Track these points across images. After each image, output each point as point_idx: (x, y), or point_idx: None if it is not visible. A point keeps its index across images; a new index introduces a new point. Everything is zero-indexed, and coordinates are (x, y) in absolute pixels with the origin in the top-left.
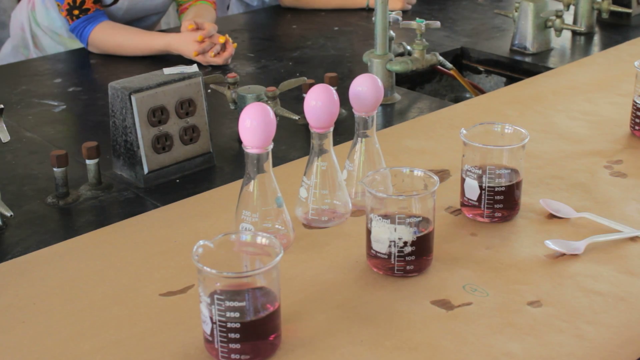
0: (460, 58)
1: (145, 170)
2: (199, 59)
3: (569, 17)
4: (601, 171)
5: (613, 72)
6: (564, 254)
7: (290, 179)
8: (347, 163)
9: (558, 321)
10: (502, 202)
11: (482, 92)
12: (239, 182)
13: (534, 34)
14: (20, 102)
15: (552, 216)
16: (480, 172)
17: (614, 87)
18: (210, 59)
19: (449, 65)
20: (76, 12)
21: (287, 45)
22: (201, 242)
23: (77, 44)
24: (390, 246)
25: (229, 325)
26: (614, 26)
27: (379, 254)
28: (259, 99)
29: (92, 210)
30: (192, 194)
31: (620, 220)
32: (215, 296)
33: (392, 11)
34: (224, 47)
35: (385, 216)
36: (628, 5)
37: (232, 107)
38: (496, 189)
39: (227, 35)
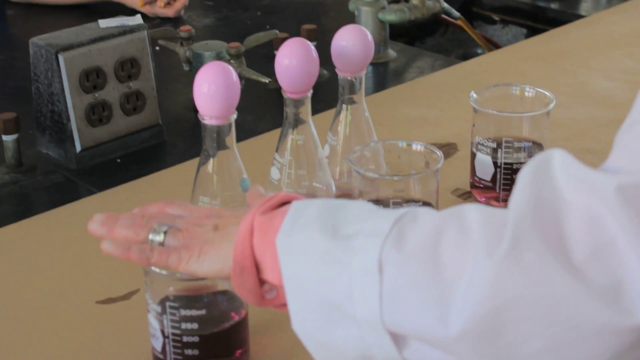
0: (470, 5)
1: (78, 148)
2: (146, 9)
3: None
4: None
5: None
6: None
7: (259, 156)
8: (329, 136)
9: None
10: None
11: (497, 46)
12: (195, 160)
13: None
14: None
15: None
16: (494, 145)
17: None
18: (159, 9)
19: (456, 14)
20: None
21: None
22: None
23: None
24: None
25: (184, 339)
26: None
27: None
28: (219, 57)
29: (12, 198)
30: (138, 176)
31: None
32: (168, 303)
33: None
34: None
35: (377, 201)
36: None
37: (186, 68)
38: (514, 167)
39: None
